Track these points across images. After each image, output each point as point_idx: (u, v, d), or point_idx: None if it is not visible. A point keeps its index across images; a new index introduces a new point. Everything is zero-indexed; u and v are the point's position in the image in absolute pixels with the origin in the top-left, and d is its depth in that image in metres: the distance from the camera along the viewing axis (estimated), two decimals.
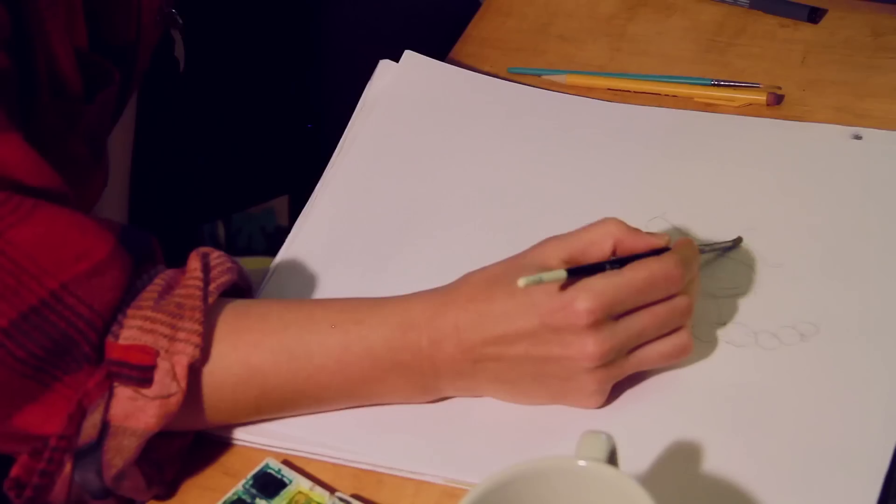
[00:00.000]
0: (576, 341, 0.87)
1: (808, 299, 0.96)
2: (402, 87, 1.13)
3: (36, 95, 0.96)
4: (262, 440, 0.92)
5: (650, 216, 1.02)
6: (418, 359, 0.89)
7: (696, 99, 1.12)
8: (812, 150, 1.06)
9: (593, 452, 0.79)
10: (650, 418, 0.90)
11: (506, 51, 1.19)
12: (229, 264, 0.91)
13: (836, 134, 1.07)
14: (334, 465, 0.91)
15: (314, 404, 0.91)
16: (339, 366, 0.89)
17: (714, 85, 1.12)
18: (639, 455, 0.87)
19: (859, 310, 0.95)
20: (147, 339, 0.86)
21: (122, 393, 0.86)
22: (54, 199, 0.88)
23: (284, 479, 0.89)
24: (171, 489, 0.91)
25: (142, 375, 0.86)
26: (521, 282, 0.86)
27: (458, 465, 0.89)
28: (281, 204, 1.88)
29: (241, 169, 1.33)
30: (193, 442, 0.94)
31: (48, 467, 0.86)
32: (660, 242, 0.90)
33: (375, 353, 0.89)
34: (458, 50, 1.20)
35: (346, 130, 1.10)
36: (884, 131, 1.07)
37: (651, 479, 0.86)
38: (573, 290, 0.87)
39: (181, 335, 0.86)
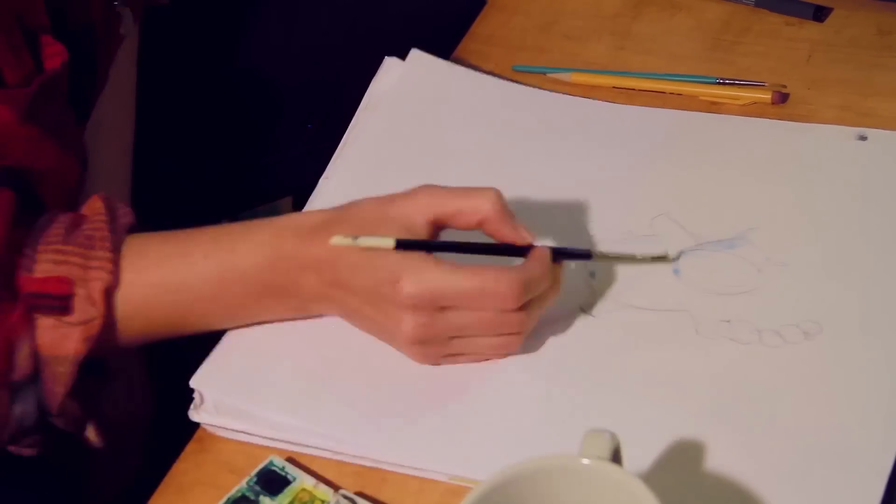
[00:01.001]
0: (395, 315, 0.90)
1: (812, 298, 0.96)
2: (407, 85, 1.13)
3: None
4: (266, 433, 0.92)
5: (654, 214, 1.02)
6: (287, 281, 0.93)
7: (700, 97, 1.12)
8: (817, 150, 1.06)
9: (597, 451, 0.78)
10: (654, 416, 0.90)
11: (510, 49, 1.19)
12: (127, 208, 0.94)
13: (841, 135, 1.07)
14: (338, 462, 0.91)
15: (199, 330, 0.95)
16: (216, 293, 0.93)
17: (719, 83, 1.12)
18: (642, 453, 0.87)
19: (863, 309, 0.95)
20: (62, 270, 0.89)
21: (45, 323, 0.89)
22: None
23: (288, 477, 0.89)
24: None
25: (62, 304, 0.89)
26: (334, 240, 0.90)
27: (462, 463, 0.89)
28: (285, 202, 1.88)
29: (243, 170, 1.33)
30: (196, 439, 0.94)
31: None
32: (522, 241, 0.92)
33: (248, 279, 0.93)
34: (463, 48, 1.20)
35: (350, 127, 1.10)
36: (889, 132, 1.06)
37: (655, 477, 0.86)
38: (405, 269, 0.89)
39: (94, 263, 0.90)
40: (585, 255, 0.97)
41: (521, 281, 0.90)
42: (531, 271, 0.91)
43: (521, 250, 0.92)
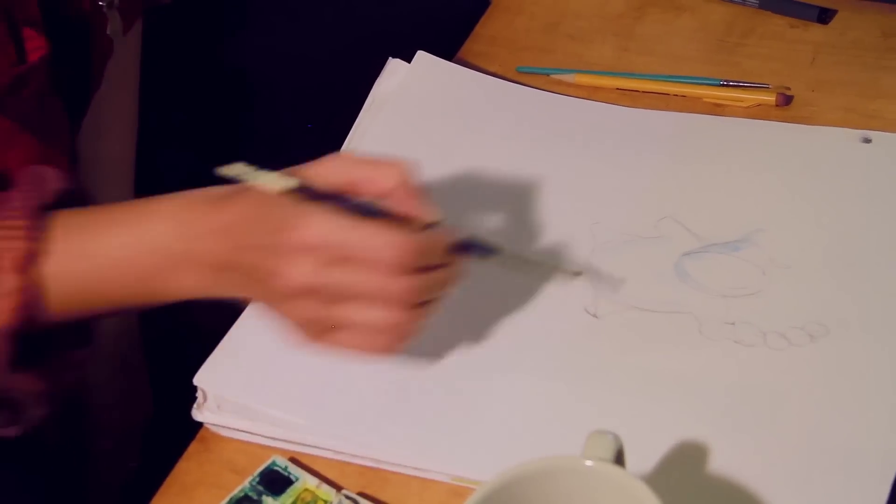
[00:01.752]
0: (284, 265, 0.86)
1: (817, 300, 0.96)
2: (411, 86, 1.13)
3: None
4: (268, 432, 0.92)
5: (659, 216, 1.02)
6: (196, 248, 0.90)
7: (704, 99, 1.12)
8: (821, 152, 1.06)
9: (600, 452, 0.78)
10: (657, 418, 0.90)
11: (514, 50, 1.19)
12: (59, 173, 0.93)
13: (845, 137, 1.07)
14: (340, 462, 0.91)
15: (111, 303, 0.93)
16: (129, 261, 0.91)
17: (723, 85, 1.12)
18: (646, 455, 0.87)
19: (868, 311, 0.95)
20: None
21: None
22: None
23: (291, 477, 0.89)
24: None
25: None
26: (223, 169, 0.86)
27: (465, 464, 0.89)
28: None
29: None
30: (199, 439, 0.94)
31: None
32: (423, 216, 0.87)
33: (158, 245, 0.90)
34: (467, 49, 1.20)
35: (354, 127, 1.10)
36: (893, 134, 1.06)
37: (658, 479, 0.86)
38: (303, 215, 0.86)
39: (10, 233, 0.89)
40: (490, 249, 0.91)
41: (416, 242, 0.85)
42: (427, 239, 0.87)
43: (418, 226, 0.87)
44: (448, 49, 1.18)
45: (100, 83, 1.13)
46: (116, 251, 0.91)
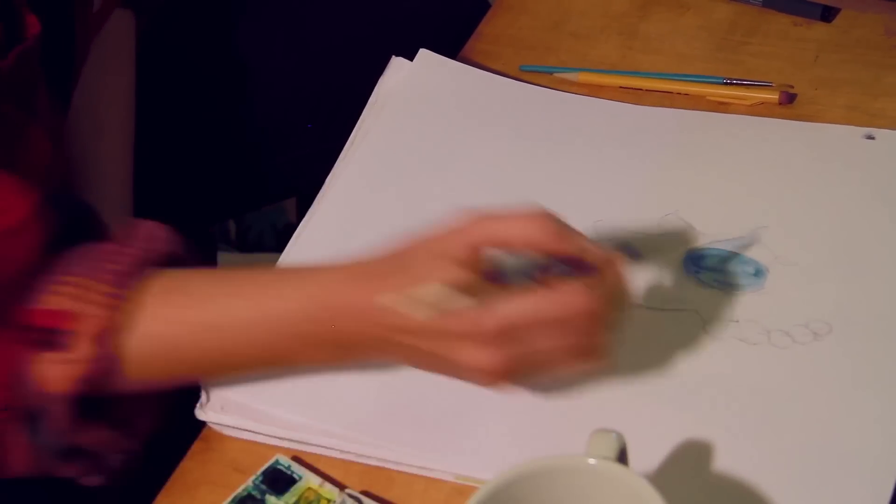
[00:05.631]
0: (475, 354, 0.85)
1: (821, 298, 0.96)
2: (415, 85, 1.13)
3: None
4: (272, 432, 0.92)
5: (663, 213, 1.02)
6: (334, 333, 0.88)
7: (708, 97, 1.12)
8: (825, 149, 1.06)
9: (603, 451, 0.78)
10: (660, 416, 0.90)
11: (518, 48, 1.19)
12: (163, 234, 0.91)
13: (849, 134, 1.07)
14: (344, 461, 0.91)
15: (233, 373, 0.93)
16: (256, 339, 0.89)
17: (726, 83, 1.12)
18: (649, 453, 0.87)
19: (872, 309, 0.95)
20: (66, 304, 0.86)
21: (43, 357, 0.86)
22: None
23: (294, 476, 0.89)
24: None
25: (59, 339, 0.86)
26: (381, 299, 0.85)
27: (468, 463, 0.89)
28: (289, 203, 1.88)
29: (249, 171, 1.32)
30: (202, 438, 0.94)
31: None
32: (589, 259, 0.86)
33: (293, 328, 0.88)
34: (470, 47, 1.20)
35: (357, 126, 1.10)
36: None
37: (661, 478, 0.86)
38: (480, 305, 0.84)
39: (99, 299, 0.86)
40: (638, 254, 0.94)
41: (598, 295, 0.84)
42: (608, 283, 0.86)
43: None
44: (450, 49, 1.18)
45: (83, 59, 1.10)
46: (245, 328, 0.89)
